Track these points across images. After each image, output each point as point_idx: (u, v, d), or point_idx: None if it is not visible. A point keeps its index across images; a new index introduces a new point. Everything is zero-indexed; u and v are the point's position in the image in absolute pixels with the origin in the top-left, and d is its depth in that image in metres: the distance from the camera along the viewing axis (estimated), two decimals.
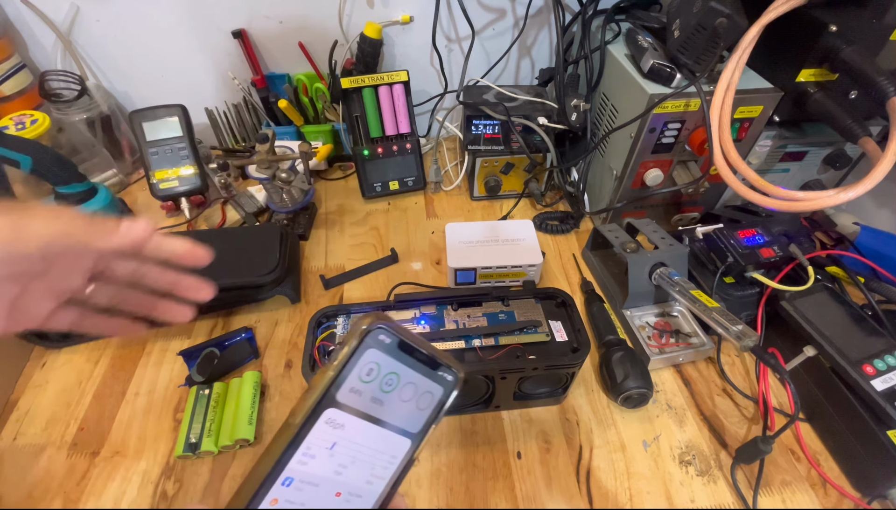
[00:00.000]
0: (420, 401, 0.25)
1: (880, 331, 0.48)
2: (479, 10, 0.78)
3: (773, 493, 0.44)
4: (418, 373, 0.24)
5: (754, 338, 0.42)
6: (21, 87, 0.74)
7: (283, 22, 0.77)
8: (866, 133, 0.48)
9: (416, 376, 0.24)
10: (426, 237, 0.72)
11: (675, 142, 0.58)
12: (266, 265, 0.57)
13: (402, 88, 0.73)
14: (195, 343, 0.55)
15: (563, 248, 0.70)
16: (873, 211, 0.68)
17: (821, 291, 0.52)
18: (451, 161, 0.87)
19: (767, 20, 0.48)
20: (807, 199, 0.47)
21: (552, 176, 0.78)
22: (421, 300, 0.49)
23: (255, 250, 0.60)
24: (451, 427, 0.49)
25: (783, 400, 0.51)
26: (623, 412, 0.51)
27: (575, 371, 0.46)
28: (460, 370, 0.26)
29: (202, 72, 0.80)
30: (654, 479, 0.46)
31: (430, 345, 0.24)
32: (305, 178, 0.71)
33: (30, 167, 0.59)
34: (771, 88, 0.54)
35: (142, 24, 0.74)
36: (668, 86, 0.55)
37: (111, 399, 0.52)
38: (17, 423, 0.49)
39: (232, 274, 0.56)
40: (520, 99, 0.72)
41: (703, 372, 0.54)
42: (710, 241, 0.58)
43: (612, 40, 0.66)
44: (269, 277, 0.57)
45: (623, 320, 0.57)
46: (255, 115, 0.84)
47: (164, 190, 0.68)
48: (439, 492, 0.45)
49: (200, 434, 0.47)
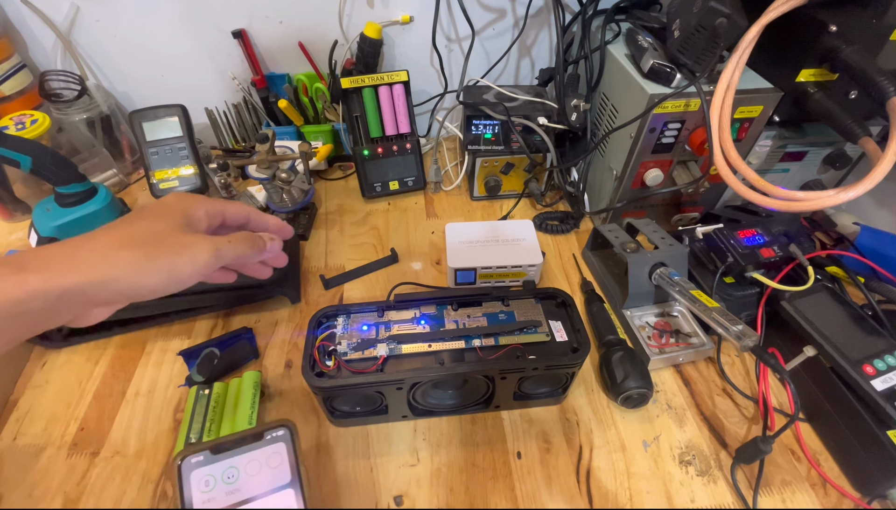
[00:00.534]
0: (270, 462, 0.32)
1: (880, 331, 0.48)
2: (479, 10, 0.78)
3: (773, 493, 0.44)
4: (251, 451, 0.31)
5: (754, 338, 0.42)
6: (21, 87, 0.74)
7: (283, 22, 0.77)
8: (866, 133, 0.48)
9: (250, 454, 0.31)
10: (426, 237, 0.72)
11: (675, 142, 0.58)
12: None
13: (402, 88, 0.73)
14: (195, 343, 0.55)
15: (563, 248, 0.70)
16: (873, 211, 0.68)
17: (821, 291, 0.52)
18: (451, 161, 0.87)
19: (767, 20, 0.48)
20: (807, 199, 0.47)
21: (552, 176, 0.78)
22: (421, 300, 0.49)
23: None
24: (451, 427, 0.49)
25: (783, 400, 0.51)
26: (623, 412, 0.51)
27: (575, 371, 0.46)
28: (286, 421, 0.34)
29: (202, 72, 0.80)
30: (654, 479, 0.46)
31: (240, 433, 0.31)
32: (305, 178, 0.71)
33: (30, 167, 0.59)
34: (771, 88, 0.54)
35: (142, 25, 0.74)
36: (668, 86, 0.55)
37: (111, 399, 0.52)
38: (17, 423, 0.49)
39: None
40: (520, 99, 0.72)
41: (703, 372, 0.54)
42: (710, 241, 0.58)
43: (612, 40, 0.66)
44: (271, 278, 0.56)
45: (623, 320, 0.57)
46: (255, 115, 0.84)
47: (164, 190, 0.68)
48: (439, 492, 0.45)
49: (200, 434, 0.46)
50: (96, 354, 0.56)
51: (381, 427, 0.49)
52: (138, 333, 0.57)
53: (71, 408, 0.51)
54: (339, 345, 0.45)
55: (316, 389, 0.43)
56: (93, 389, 0.52)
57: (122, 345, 0.57)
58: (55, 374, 0.54)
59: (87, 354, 0.56)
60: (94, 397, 0.52)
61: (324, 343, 0.45)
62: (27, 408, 0.51)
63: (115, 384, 0.53)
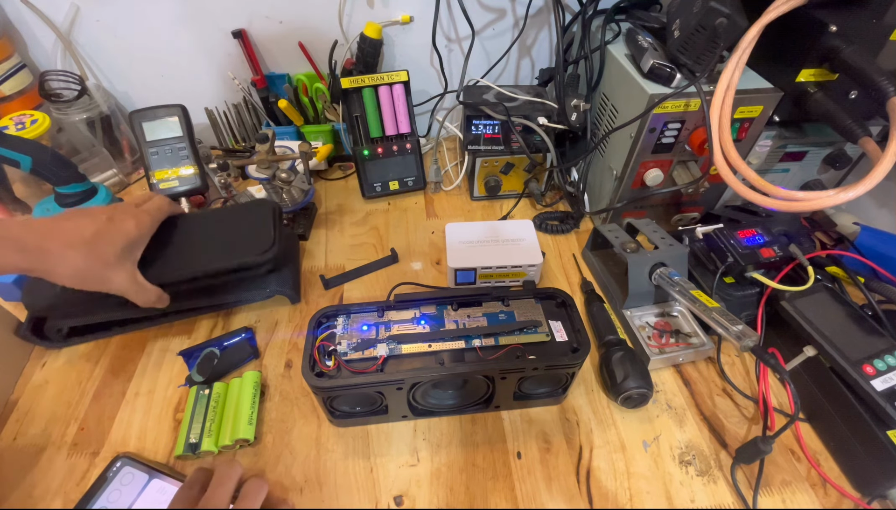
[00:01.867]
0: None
1: (880, 331, 0.48)
2: (479, 10, 0.78)
3: (773, 493, 0.44)
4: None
5: (754, 338, 0.42)
6: (21, 87, 0.74)
7: (283, 22, 0.77)
8: (866, 133, 0.48)
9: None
10: (426, 237, 0.72)
11: (675, 142, 0.58)
12: (260, 244, 0.54)
13: (402, 88, 0.73)
14: (195, 343, 0.55)
15: (563, 248, 0.70)
16: (873, 211, 0.68)
17: (821, 291, 0.52)
18: (451, 161, 0.87)
19: (767, 20, 0.48)
20: (807, 199, 0.47)
21: (552, 176, 0.78)
22: (421, 300, 0.49)
23: (247, 229, 0.56)
24: (451, 427, 0.49)
25: (783, 400, 0.51)
26: (623, 412, 0.51)
27: (575, 371, 0.46)
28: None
29: (202, 72, 0.80)
30: (654, 479, 0.46)
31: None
32: (305, 178, 0.71)
33: (30, 167, 0.59)
34: (771, 88, 0.54)
35: (142, 24, 0.74)
36: (668, 86, 0.55)
37: (111, 399, 0.52)
38: (17, 423, 0.49)
39: (225, 255, 0.53)
40: (520, 99, 0.72)
41: (703, 372, 0.54)
42: (710, 241, 0.58)
43: (612, 40, 0.66)
44: (266, 256, 0.53)
45: (623, 320, 0.57)
46: (255, 115, 0.84)
47: (164, 190, 0.68)
48: (439, 492, 0.45)
49: (200, 434, 0.47)
50: (96, 354, 0.56)
51: (381, 427, 0.49)
52: (138, 333, 0.57)
53: (71, 408, 0.51)
54: (339, 346, 0.45)
55: (316, 389, 0.43)
56: (93, 389, 0.52)
57: (122, 345, 0.56)
58: (55, 374, 0.54)
59: (87, 354, 0.56)
60: (94, 397, 0.52)
61: (324, 343, 0.45)
62: (27, 408, 0.51)
63: (115, 384, 0.53)
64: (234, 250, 0.54)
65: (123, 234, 0.45)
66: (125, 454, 0.46)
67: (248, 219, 0.57)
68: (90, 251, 0.42)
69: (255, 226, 0.56)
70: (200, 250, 0.53)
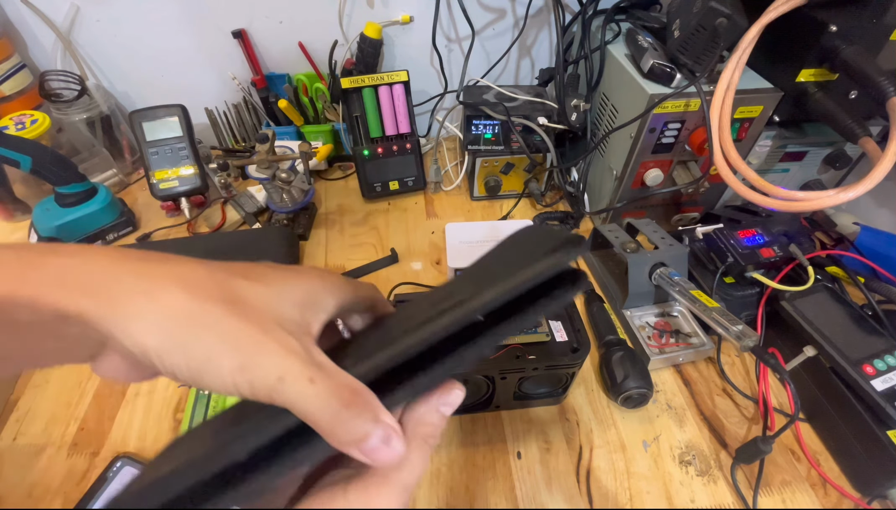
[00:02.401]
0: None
1: (880, 331, 0.48)
2: (479, 10, 0.78)
3: (773, 493, 0.44)
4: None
5: (754, 338, 0.42)
6: (21, 87, 0.74)
7: (283, 22, 0.77)
8: (866, 133, 0.48)
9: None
10: (426, 237, 0.72)
11: (675, 142, 0.58)
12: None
13: (402, 88, 0.73)
14: None
15: None
16: (873, 211, 0.68)
17: (821, 291, 0.52)
18: (451, 161, 0.87)
19: (767, 20, 0.48)
20: (807, 199, 0.47)
21: (552, 176, 0.78)
22: None
23: (263, 255, 0.58)
24: (451, 427, 0.49)
25: (783, 400, 0.51)
26: (623, 412, 0.51)
27: (575, 371, 0.46)
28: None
29: (202, 72, 0.80)
30: (654, 479, 0.46)
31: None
32: (305, 178, 0.71)
33: (30, 167, 0.59)
34: (771, 88, 0.54)
35: (142, 24, 0.74)
36: (668, 86, 0.55)
37: (111, 399, 0.52)
38: (17, 423, 0.49)
39: None
40: (520, 99, 0.72)
41: (703, 372, 0.54)
42: (710, 241, 0.58)
43: (612, 40, 0.66)
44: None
45: (623, 320, 0.57)
46: (255, 115, 0.84)
47: (164, 190, 0.68)
48: (439, 492, 0.45)
49: None
50: None
51: None
52: None
53: (71, 408, 0.51)
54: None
55: None
56: (93, 389, 0.52)
57: None
58: (55, 374, 0.54)
59: None
60: (94, 397, 0.52)
61: None
62: (27, 408, 0.51)
63: (115, 384, 0.53)
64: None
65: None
66: (125, 454, 0.45)
67: (263, 244, 0.59)
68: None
69: (273, 252, 0.58)
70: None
